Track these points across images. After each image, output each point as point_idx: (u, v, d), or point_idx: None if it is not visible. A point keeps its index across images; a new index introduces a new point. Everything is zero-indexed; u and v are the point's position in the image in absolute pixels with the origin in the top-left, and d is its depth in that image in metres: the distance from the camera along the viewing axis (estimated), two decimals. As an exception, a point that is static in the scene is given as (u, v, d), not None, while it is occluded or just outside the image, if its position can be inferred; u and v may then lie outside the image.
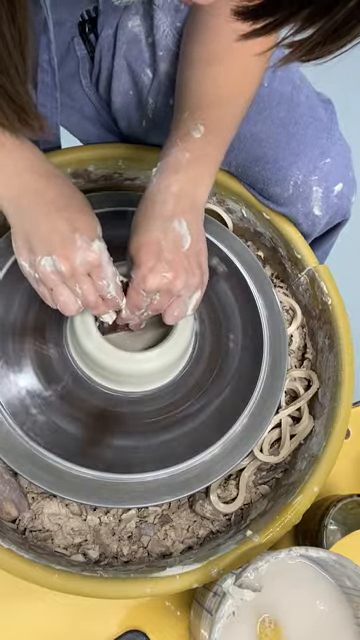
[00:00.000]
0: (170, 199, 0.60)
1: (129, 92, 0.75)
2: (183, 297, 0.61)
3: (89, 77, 0.78)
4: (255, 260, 0.75)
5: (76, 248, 0.56)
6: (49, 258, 0.56)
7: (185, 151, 0.61)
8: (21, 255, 0.58)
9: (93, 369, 0.63)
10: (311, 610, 0.57)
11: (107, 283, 0.58)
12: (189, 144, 0.62)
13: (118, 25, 0.72)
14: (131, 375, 0.63)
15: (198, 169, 0.62)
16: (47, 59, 0.69)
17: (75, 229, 0.56)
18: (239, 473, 0.67)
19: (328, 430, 0.65)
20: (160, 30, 0.70)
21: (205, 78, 0.64)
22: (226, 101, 0.64)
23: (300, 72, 0.77)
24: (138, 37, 0.72)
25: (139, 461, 0.61)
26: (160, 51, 0.71)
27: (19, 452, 0.60)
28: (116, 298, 0.60)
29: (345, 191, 0.75)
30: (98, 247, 0.57)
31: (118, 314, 0.62)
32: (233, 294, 0.72)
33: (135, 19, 0.72)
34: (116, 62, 0.73)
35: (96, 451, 0.61)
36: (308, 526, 0.65)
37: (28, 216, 0.57)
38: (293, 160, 0.71)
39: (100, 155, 0.77)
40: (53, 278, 0.57)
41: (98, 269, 0.57)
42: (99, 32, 0.73)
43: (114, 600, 0.62)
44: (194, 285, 0.61)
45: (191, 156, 0.61)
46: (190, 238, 0.60)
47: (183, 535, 0.64)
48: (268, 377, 0.67)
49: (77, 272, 0.56)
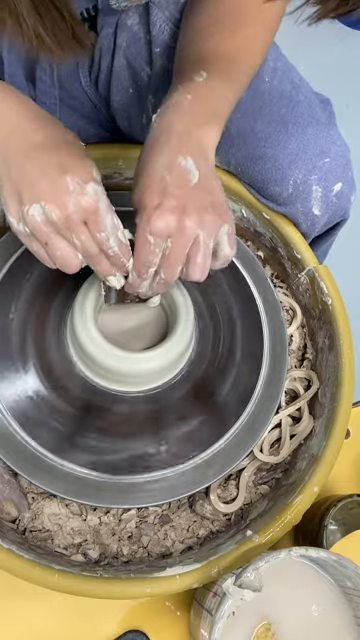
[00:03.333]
0: (173, 137, 0.53)
1: (129, 90, 0.75)
2: (203, 240, 0.52)
3: (88, 76, 0.78)
4: (255, 260, 0.75)
5: (67, 192, 0.49)
6: (37, 206, 0.49)
7: (186, 93, 0.56)
8: (9, 210, 0.52)
9: (93, 369, 0.63)
10: (311, 610, 0.58)
11: (107, 236, 0.51)
12: (191, 87, 0.56)
13: (118, 24, 0.72)
14: (131, 375, 0.63)
15: (202, 108, 0.56)
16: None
17: (65, 171, 0.49)
18: (239, 473, 0.67)
19: (328, 430, 0.65)
20: (156, 26, 0.70)
21: (209, 39, 0.60)
22: (231, 58, 0.60)
23: (298, 72, 0.77)
24: (137, 35, 0.72)
25: (139, 461, 0.61)
26: (157, 47, 0.71)
27: (19, 452, 0.60)
28: (120, 256, 0.52)
29: (344, 191, 0.75)
30: (94, 190, 0.50)
31: (126, 280, 0.55)
32: (233, 294, 0.72)
33: (134, 17, 0.72)
34: (116, 60, 0.73)
35: (96, 451, 0.61)
36: (308, 526, 0.65)
37: (14, 162, 0.50)
38: (292, 159, 0.71)
39: (100, 155, 0.77)
40: (45, 229, 0.50)
41: (95, 216, 0.50)
42: (99, 31, 0.73)
43: (114, 600, 0.62)
44: (212, 222, 0.52)
45: (193, 97, 0.55)
46: (198, 173, 0.52)
47: (183, 535, 0.64)
48: (268, 377, 0.67)
49: (71, 220, 0.49)
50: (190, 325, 0.64)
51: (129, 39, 0.72)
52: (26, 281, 0.68)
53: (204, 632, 0.55)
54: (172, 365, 0.64)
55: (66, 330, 0.66)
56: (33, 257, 0.69)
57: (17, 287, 0.67)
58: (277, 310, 0.72)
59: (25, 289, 0.67)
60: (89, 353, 0.62)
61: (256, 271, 0.74)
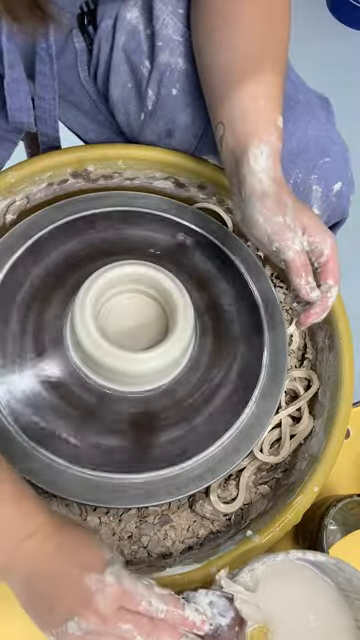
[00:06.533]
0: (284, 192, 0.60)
1: (127, 84, 0.74)
2: None
3: (87, 70, 0.78)
4: (255, 260, 0.75)
5: (91, 594, 0.47)
6: (72, 623, 0.47)
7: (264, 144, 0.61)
8: (44, 630, 0.49)
9: (92, 369, 0.63)
10: (309, 614, 0.57)
11: (147, 602, 0.48)
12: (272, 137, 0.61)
13: (117, 17, 0.72)
14: (131, 375, 0.63)
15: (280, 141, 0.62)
16: (45, 47, 0.68)
17: (82, 570, 0.48)
18: (239, 473, 0.67)
19: (328, 430, 0.65)
20: (160, 20, 0.70)
21: None
22: None
23: (297, 72, 0.77)
24: (137, 29, 0.72)
25: (139, 461, 0.61)
26: (159, 41, 0.70)
27: (19, 452, 0.60)
28: (172, 610, 0.49)
29: (344, 190, 0.75)
30: (113, 575, 0.48)
31: None
32: (233, 294, 0.72)
33: (134, 11, 0.71)
34: (114, 54, 0.73)
35: (96, 451, 0.61)
36: (308, 526, 0.65)
37: (30, 584, 0.49)
38: (293, 159, 0.71)
39: (100, 155, 0.77)
40: (90, 639, 0.48)
41: (126, 597, 0.48)
42: (98, 23, 0.73)
43: (114, 600, 0.62)
44: None
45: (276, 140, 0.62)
46: None
47: (183, 535, 0.64)
48: (268, 377, 0.67)
49: (108, 616, 0.47)
50: (190, 325, 0.64)
51: (128, 33, 0.72)
52: (26, 281, 0.67)
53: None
54: (172, 365, 0.64)
55: (66, 330, 0.66)
56: (33, 257, 0.69)
57: (17, 287, 0.67)
58: (277, 310, 0.72)
59: (25, 289, 0.67)
60: (89, 353, 0.61)
61: (256, 271, 0.74)
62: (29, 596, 0.50)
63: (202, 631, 0.50)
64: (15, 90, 0.73)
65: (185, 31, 0.70)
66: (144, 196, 0.77)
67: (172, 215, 0.75)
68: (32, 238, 0.70)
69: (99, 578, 0.48)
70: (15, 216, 0.76)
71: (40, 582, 0.49)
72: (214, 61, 0.66)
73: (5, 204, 0.75)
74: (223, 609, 0.51)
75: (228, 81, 0.64)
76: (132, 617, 0.48)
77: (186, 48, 0.71)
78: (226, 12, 0.65)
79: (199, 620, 0.50)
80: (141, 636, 0.48)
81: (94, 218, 0.73)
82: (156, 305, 0.68)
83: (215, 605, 0.51)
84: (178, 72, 0.71)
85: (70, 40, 0.75)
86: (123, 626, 0.47)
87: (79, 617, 0.47)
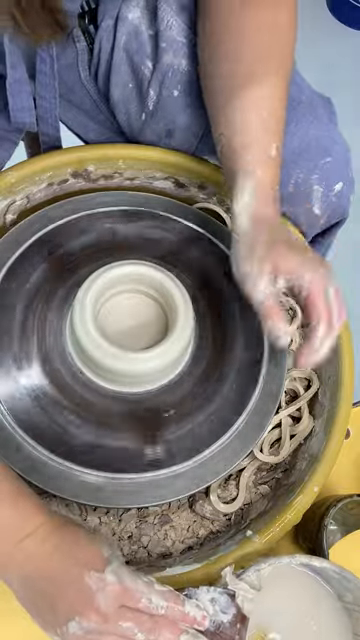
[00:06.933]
0: None
1: (128, 85, 0.74)
2: None
3: (88, 69, 0.78)
4: (255, 260, 0.75)
5: (92, 593, 0.47)
6: (74, 623, 0.47)
7: None
8: (46, 630, 0.50)
9: (92, 369, 0.63)
10: (309, 624, 0.57)
11: (148, 599, 0.48)
12: None
13: (118, 16, 0.72)
14: (130, 375, 0.63)
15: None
16: (46, 47, 0.68)
17: (82, 569, 0.48)
18: (239, 473, 0.67)
19: (328, 430, 0.65)
20: (164, 21, 0.70)
21: None
22: None
23: (299, 72, 0.77)
24: (139, 29, 0.71)
25: (139, 461, 0.61)
26: (163, 42, 0.70)
27: (18, 452, 0.60)
28: (172, 607, 0.49)
29: (344, 190, 0.75)
30: (113, 574, 0.48)
31: None
32: (233, 294, 0.72)
33: (135, 11, 0.71)
34: (115, 54, 0.73)
35: (96, 451, 0.61)
36: (308, 526, 0.65)
37: (28, 583, 0.49)
38: (294, 159, 0.71)
39: (100, 155, 0.77)
40: (91, 638, 0.48)
41: (127, 595, 0.48)
42: (99, 22, 0.73)
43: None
44: None
45: None
46: None
47: (183, 535, 0.64)
48: (268, 377, 0.67)
49: (109, 615, 0.47)
50: (189, 325, 0.64)
51: (129, 33, 0.72)
52: (26, 281, 0.67)
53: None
54: (171, 365, 0.64)
55: (66, 330, 0.66)
56: (33, 257, 0.69)
57: (17, 287, 0.67)
58: (277, 310, 0.71)
59: (25, 289, 0.67)
60: (88, 353, 0.61)
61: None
62: (30, 596, 0.50)
63: (203, 626, 0.50)
64: (17, 91, 0.73)
65: (189, 32, 0.70)
66: (144, 196, 0.77)
67: (172, 215, 0.75)
68: (32, 238, 0.70)
69: (100, 577, 0.48)
70: (15, 216, 0.76)
71: (41, 582, 0.49)
72: (217, 71, 0.66)
73: (5, 204, 0.75)
74: (225, 606, 0.51)
75: (231, 86, 0.64)
76: (133, 615, 0.48)
77: (189, 49, 0.71)
78: (232, 25, 0.65)
79: (200, 616, 0.50)
80: (142, 633, 0.48)
81: (94, 218, 0.73)
82: (156, 305, 0.68)
83: (217, 602, 0.51)
84: (180, 73, 0.71)
85: (71, 39, 0.75)
86: (124, 624, 0.48)
87: (80, 616, 0.47)
